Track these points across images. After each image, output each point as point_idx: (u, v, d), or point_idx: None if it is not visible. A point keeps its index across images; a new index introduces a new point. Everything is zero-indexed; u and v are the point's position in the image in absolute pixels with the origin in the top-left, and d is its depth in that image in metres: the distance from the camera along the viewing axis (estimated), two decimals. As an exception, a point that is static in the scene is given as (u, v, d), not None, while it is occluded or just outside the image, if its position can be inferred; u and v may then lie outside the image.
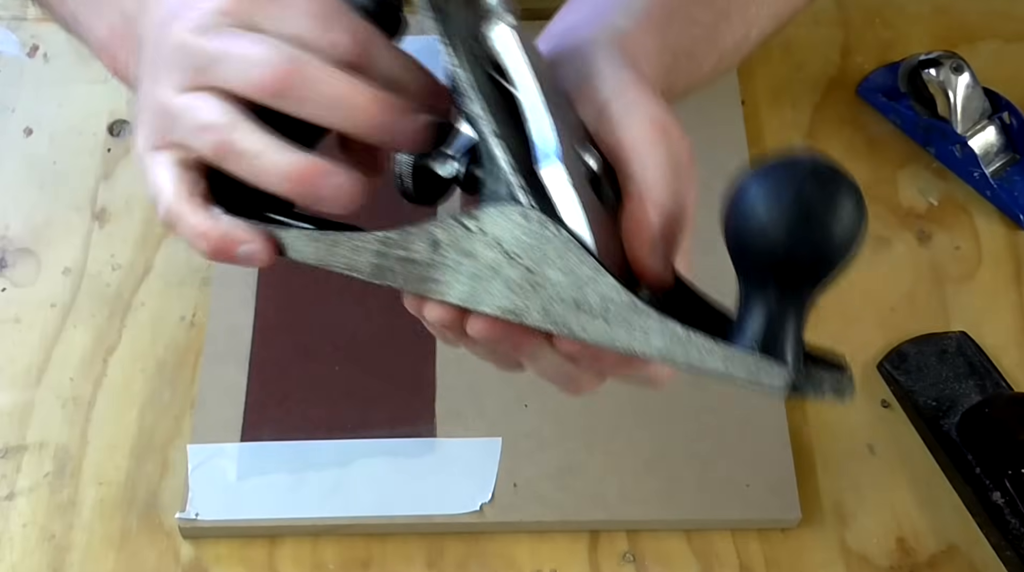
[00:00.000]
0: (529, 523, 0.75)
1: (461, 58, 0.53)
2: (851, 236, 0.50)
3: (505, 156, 0.53)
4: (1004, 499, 0.75)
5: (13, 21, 0.97)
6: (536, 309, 0.53)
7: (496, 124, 0.53)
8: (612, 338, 0.52)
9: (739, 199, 0.50)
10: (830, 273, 0.51)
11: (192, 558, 0.75)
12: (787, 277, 0.51)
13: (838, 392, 0.52)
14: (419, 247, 0.55)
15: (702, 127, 0.90)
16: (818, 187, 0.49)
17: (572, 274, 0.52)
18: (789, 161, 0.50)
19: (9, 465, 0.77)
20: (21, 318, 0.83)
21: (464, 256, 0.54)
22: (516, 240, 0.53)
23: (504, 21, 0.55)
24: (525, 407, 0.78)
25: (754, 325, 0.51)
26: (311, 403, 0.79)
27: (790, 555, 0.75)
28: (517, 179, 0.53)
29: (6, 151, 0.90)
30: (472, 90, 0.53)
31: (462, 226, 0.54)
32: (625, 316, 0.52)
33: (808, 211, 0.49)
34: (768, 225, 0.49)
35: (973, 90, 0.87)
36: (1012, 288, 0.86)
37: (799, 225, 0.49)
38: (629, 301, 0.52)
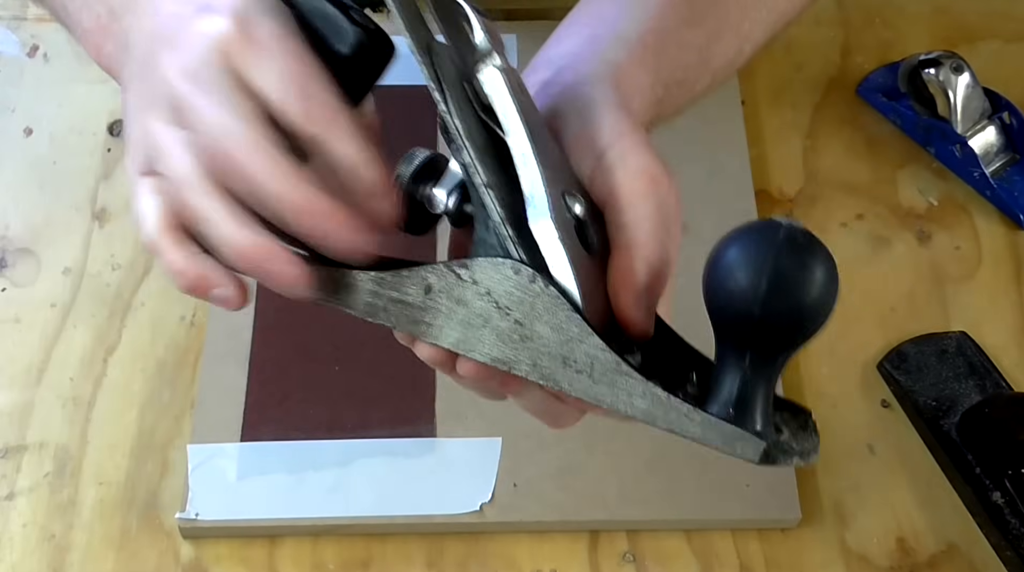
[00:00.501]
0: (529, 523, 0.75)
1: (451, 105, 0.54)
2: (823, 304, 0.51)
3: (495, 207, 0.54)
4: (1004, 499, 0.75)
5: (13, 21, 0.97)
6: (525, 361, 0.54)
7: (486, 174, 0.54)
8: (596, 396, 0.54)
9: (717, 262, 0.52)
10: (801, 340, 0.52)
11: (192, 558, 0.75)
12: (760, 343, 0.52)
13: (804, 457, 0.54)
14: (412, 291, 0.56)
15: (702, 127, 0.90)
16: (792, 256, 0.51)
17: (560, 331, 0.54)
18: (766, 226, 0.52)
19: (9, 465, 0.77)
20: (21, 318, 0.83)
21: (456, 303, 0.55)
22: (507, 293, 0.54)
23: (493, 64, 0.55)
24: (525, 407, 0.78)
25: (728, 388, 0.53)
26: (311, 403, 0.79)
27: (790, 555, 0.75)
28: (508, 231, 0.54)
29: (6, 151, 0.90)
30: (462, 139, 0.54)
31: (455, 274, 0.54)
32: (610, 376, 0.53)
33: (781, 280, 0.51)
34: (744, 291, 0.51)
35: (973, 90, 0.88)
36: (1012, 288, 0.86)
37: (772, 293, 0.50)
38: (614, 362, 0.53)
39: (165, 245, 0.55)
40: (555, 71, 0.62)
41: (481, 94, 0.56)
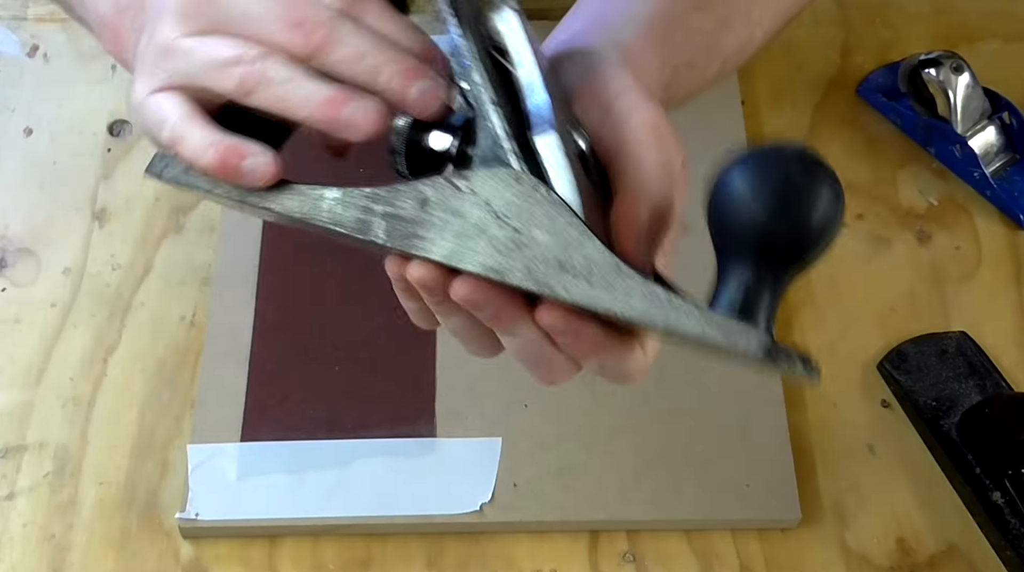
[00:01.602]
0: (529, 523, 0.75)
1: (464, 28, 0.54)
2: (829, 221, 0.51)
3: (500, 122, 0.54)
4: (1004, 499, 0.75)
5: (13, 21, 0.97)
6: (519, 268, 0.54)
7: (494, 93, 0.54)
8: (593, 298, 0.53)
9: (723, 179, 0.52)
10: (806, 254, 0.52)
11: (192, 558, 0.75)
12: (765, 253, 0.52)
13: (807, 369, 0.53)
14: (407, 204, 0.55)
15: (702, 127, 0.90)
16: (801, 172, 0.51)
17: (559, 236, 0.53)
18: (775, 147, 0.52)
19: (9, 465, 0.77)
20: (21, 318, 0.83)
21: (452, 214, 0.55)
22: (506, 201, 0.54)
23: (508, 6, 0.57)
24: (525, 407, 0.78)
25: (731, 294, 0.52)
26: (311, 403, 0.79)
27: (790, 555, 0.75)
28: (511, 145, 0.54)
29: (6, 151, 0.90)
30: (473, 58, 0.54)
31: (452, 186, 0.54)
32: (608, 278, 0.53)
33: (789, 192, 0.51)
34: (750, 203, 0.51)
35: (973, 90, 0.87)
36: (1012, 288, 0.86)
37: (780, 204, 0.51)
38: (613, 263, 0.53)
39: (193, 127, 0.55)
40: (563, 48, 0.62)
41: (495, 35, 0.56)
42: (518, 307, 0.55)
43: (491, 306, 0.55)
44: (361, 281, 0.83)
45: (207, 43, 0.55)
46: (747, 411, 0.78)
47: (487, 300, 0.55)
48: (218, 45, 0.55)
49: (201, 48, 0.55)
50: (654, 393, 0.78)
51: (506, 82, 0.56)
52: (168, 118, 0.56)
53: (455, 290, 0.55)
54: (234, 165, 0.55)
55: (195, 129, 0.55)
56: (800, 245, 0.52)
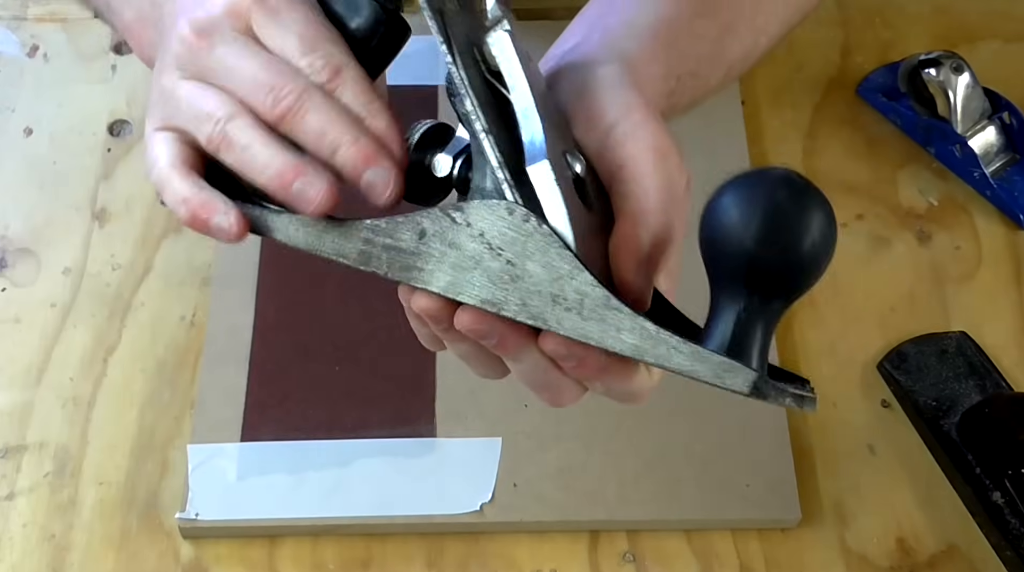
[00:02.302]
0: (529, 523, 0.75)
1: (456, 57, 0.55)
2: (821, 248, 0.51)
3: (494, 152, 0.54)
4: (1004, 499, 0.75)
5: (13, 21, 0.97)
6: (514, 301, 0.55)
7: (487, 122, 0.55)
8: (586, 332, 0.54)
9: (714, 205, 0.52)
10: (799, 283, 0.52)
11: (192, 558, 0.75)
12: (757, 284, 0.52)
13: (799, 401, 0.53)
14: (406, 236, 0.56)
15: (702, 127, 0.90)
16: (791, 198, 0.51)
17: (551, 268, 0.54)
18: (764, 172, 0.52)
19: (9, 465, 0.77)
20: (21, 318, 0.83)
21: (449, 247, 0.55)
22: (500, 234, 0.54)
23: (502, 28, 0.57)
24: (525, 407, 0.78)
25: (723, 330, 0.53)
26: (311, 403, 0.79)
27: (790, 555, 0.75)
28: (504, 175, 0.54)
29: (6, 151, 0.90)
30: (465, 88, 0.55)
31: (449, 218, 0.55)
32: (599, 312, 0.54)
33: (780, 220, 0.50)
34: (741, 231, 0.51)
35: (973, 90, 0.87)
36: (1012, 288, 0.86)
37: (771, 233, 0.50)
38: (604, 297, 0.53)
39: (174, 176, 0.57)
40: (565, 58, 0.62)
41: (489, 59, 0.57)
42: (522, 335, 0.56)
43: (495, 335, 0.56)
44: (361, 281, 0.82)
45: (194, 92, 0.57)
46: (747, 411, 0.78)
47: (491, 330, 0.56)
48: (201, 96, 0.57)
49: (188, 96, 0.57)
50: (654, 393, 0.78)
51: (504, 111, 0.56)
52: (156, 162, 0.58)
53: (459, 320, 0.56)
54: (203, 222, 0.57)
55: (175, 180, 0.57)
56: (791, 273, 0.52)
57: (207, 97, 0.56)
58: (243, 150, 0.56)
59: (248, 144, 0.56)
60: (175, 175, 0.57)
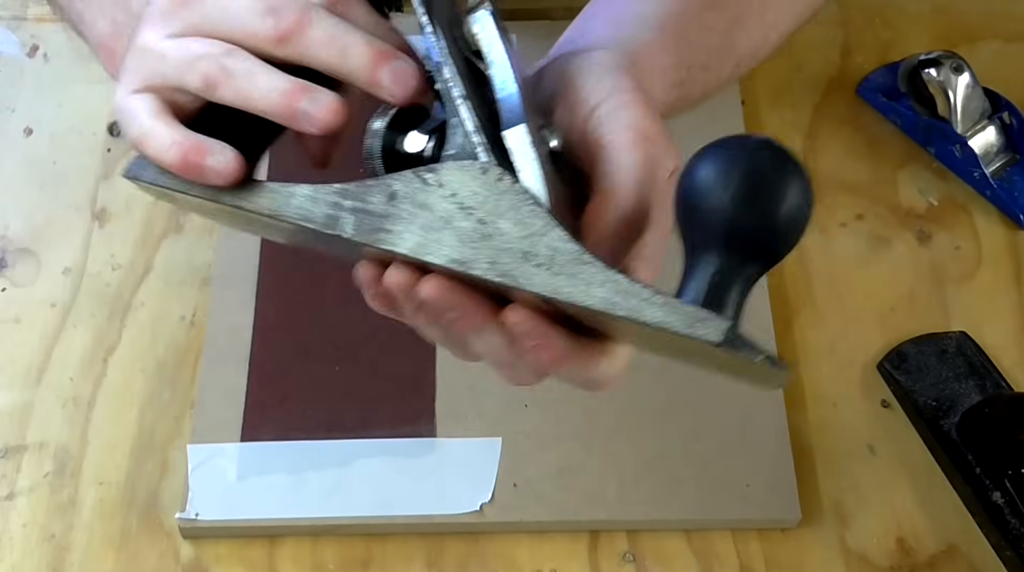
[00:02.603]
0: (529, 523, 0.75)
1: (437, 29, 0.55)
2: (799, 214, 0.51)
3: (470, 116, 0.55)
4: (1004, 499, 0.75)
5: (13, 21, 0.97)
6: (484, 259, 0.54)
7: (464, 88, 0.55)
8: (555, 288, 0.53)
9: (692, 169, 0.52)
10: (776, 248, 0.52)
11: (192, 558, 0.75)
12: (734, 247, 0.51)
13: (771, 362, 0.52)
14: (376, 199, 0.56)
15: (702, 127, 0.89)
16: (769, 164, 0.51)
17: (523, 225, 0.54)
18: (743, 137, 0.52)
19: (9, 465, 0.77)
20: (21, 318, 0.83)
21: (419, 208, 0.55)
22: (472, 192, 0.54)
23: (484, 8, 0.57)
24: (525, 407, 0.78)
25: (697, 288, 0.52)
26: (311, 403, 0.79)
27: (790, 555, 0.75)
28: (479, 138, 0.54)
29: (6, 151, 0.90)
30: (443, 54, 0.55)
31: (421, 179, 0.55)
32: (570, 266, 0.53)
33: (759, 184, 0.50)
34: (719, 194, 0.50)
35: (973, 90, 0.87)
36: (1012, 288, 0.86)
37: (750, 196, 0.50)
38: (576, 251, 0.53)
39: (159, 126, 0.55)
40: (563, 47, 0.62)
41: (469, 39, 0.57)
42: (485, 311, 0.55)
43: (457, 308, 0.55)
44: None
45: (181, 43, 0.55)
46: (747, 411, 0.78)
47: (453, 302, 0.55)
48: (190, 44, 0.55)
49: (174, 48, 0.55)
50: (654, 393, 0.78)
51: (481, 86, 0.56)
52: (136, 116, 0.56)
53: (422, 288, 0.55)
54: (196, 163, 0.55)
55: (160, 127, 0.55)
56: (769, 237, 0.51)
57: (198, 42, 0.55)
58: (244, 78, 0.54)
59: (249, 70, 0.54)
60: (160, 123, 0.55)
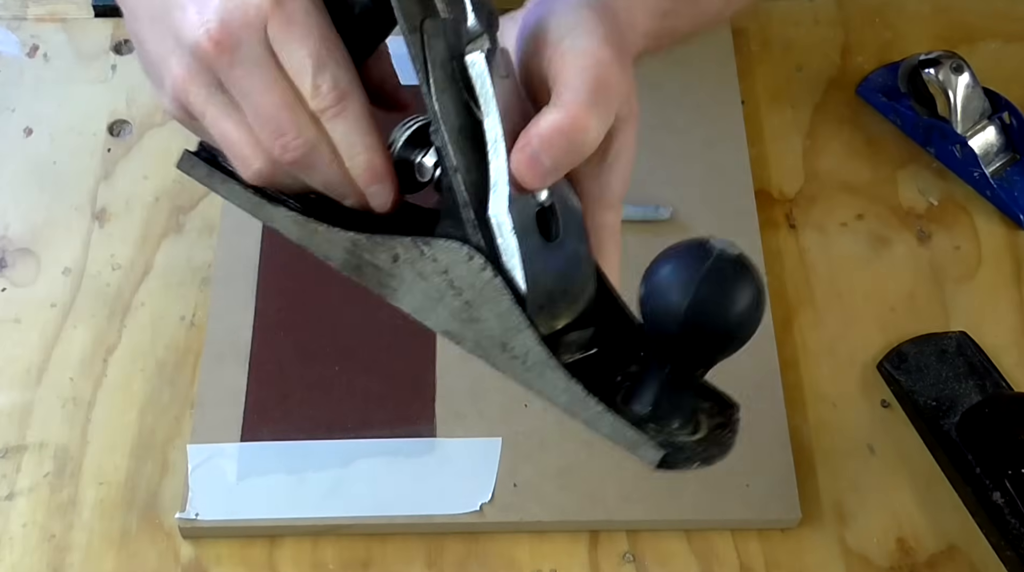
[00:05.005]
0: (529, 523, 0.75)
1: (432, 86, 0.56)
2: (741, 328, 0.55)
3: (461, 190, 0.57)
4: (1004, 499, 0.75)
5: (13, 21, 0.97)
6: (471, 339, 0.59)
7: (457, 156, 0.56)
8: (527, 381, 0.58)
9: (649, 280, 0.55)
10: (719, 356, 0.56)
11: (192, 558, 0.75)
12: (680, 356, 0.56)
13: (707, 462, 0.57)
14: (382, 256, 0.59)
15: (702, 127, 0.90)
16: (715, 284, 0.54)
17: (503, 318, 0.57)
18: (698, 250, 0.54)
19: (9, 465, 0.77)
20: (21, 318, 0.83)
21: (417, 275, 0.59)
22: (460, 276, 0.57)
23: (479, 48, 0.57)
24: (525, 407, 0.78)
25: (648, 395, 0.57)
26: (311, 403, 0.79)
27: (790, 555, 0.75)
28: (468, 215, 0.57)
29: (6, 151, 0.90)
30: (439, 122, 0.56)
31: (418, 249, 0.58)
32: (539, 368, 0.57)
33: (703, 304, 0.53)
34: (669, 309, 0.54)
35: (973, 90, 0.87)
36: (1012, 288, 0.86)
37: (694, 314, 0.54)
38: (546, 357, 0.57)
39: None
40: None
41: (467, 77, 0.57)
42: None
43: None
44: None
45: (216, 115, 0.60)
46: (747, 411, 0.78)
47: None
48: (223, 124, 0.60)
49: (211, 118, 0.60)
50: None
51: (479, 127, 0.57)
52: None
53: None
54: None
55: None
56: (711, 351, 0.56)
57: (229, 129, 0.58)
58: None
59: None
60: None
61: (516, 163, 0.56)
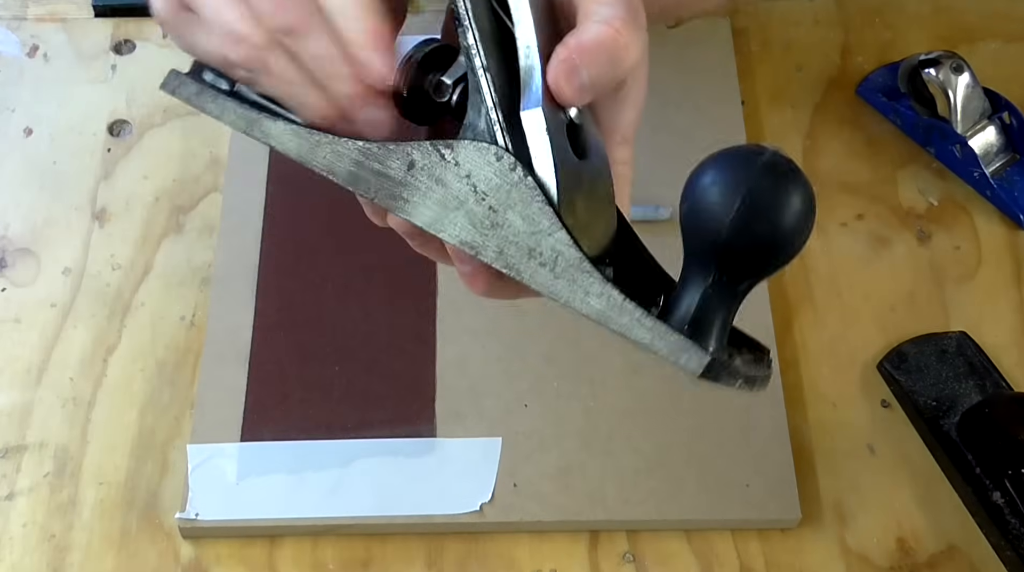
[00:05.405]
0: (529, 523, 0.75)
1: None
2: (797, 235, 0.51)
3: (490, 92, 0.54)
4: (1004, 499, 0.75)
5: (13, 21, 0.97)
6: (492, 247, 0.55)
7: (486, 58, 0.54)
8: (554, 290, 0.54)
9: (695, 182, 0.52)
10: (768, 268, 0.52)
11: (192, 558, 0.75)
12: (727, 264, 0.52)
13: (749, 383, 0.54)
14: (395, 165, 0.56)
15: (702, 127, 0.90)
16: (770, 182, 0.51)
17: (531, 221, 0.54)
18: (749, 151, 0.52)
19: (9, 465, 0.77)
20: (21, 318, 0.83)
21: (435, 183, 0.55)
22: (486, 178, 0.54)
23: None
24: (525, 407, 0.78)
25: (688, 303, 0.53)
26: (311, 403, 0.79)
27: (790, 555, 0.75)
28: (497, 116, 0.54)
29: (6, 151, 0.90)
30: (468, 20, 0.54)
31: (438, 153, 0.55)
32: (571, 273, 0.53)
33: (756, 204, 0.50)
34: (718, 215, 0.51)
35: (973, 90, 0.87)
36: (1012, 288, 0.86)
37: (746, 215, 0.50)
38: (577, 259, 0.53)
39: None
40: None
41: None
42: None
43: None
44: (361, 281, 0.83)
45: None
46: (747, 411, 0.78)
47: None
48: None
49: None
50: (654, 393, 0.78)
51: (508, 41, 0.55)
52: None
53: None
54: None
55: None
56: (761, 258, 0.52)
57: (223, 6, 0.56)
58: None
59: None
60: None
61: (554, 74, 0.54)
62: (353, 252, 0.83)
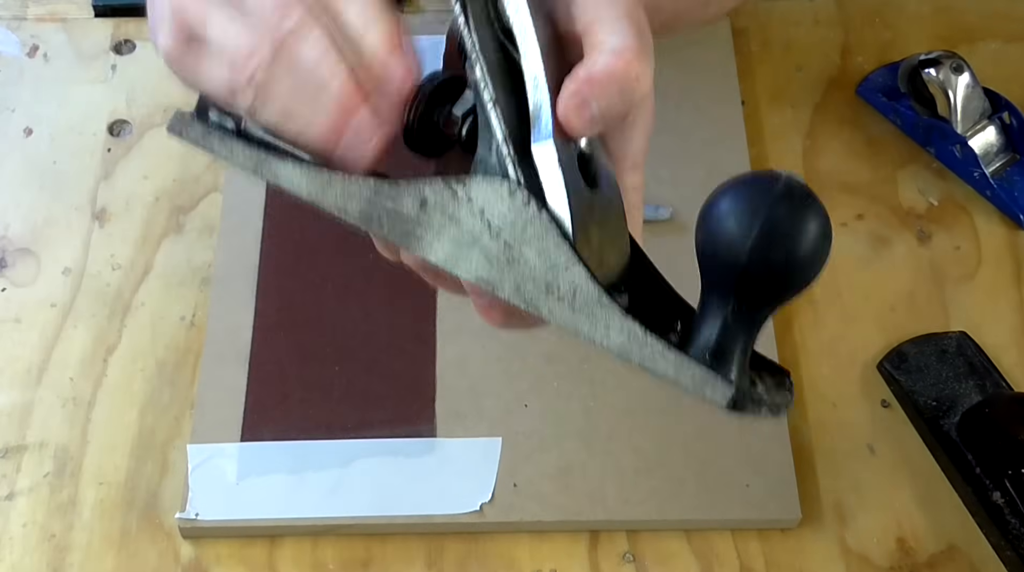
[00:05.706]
0: (529, 523, 0.75)
1: (469, 19, 0.54)
2: (814, 263, 0.51)
3: (500, 125, 0.53)
4: (1004, 499, 0.75)
5: (13, 21, 0.97)
6: (509, 283, 0.54)
7: (495, 91, 0.54)
8: (575, 325, 0.54)
9: (711, 209, 0.52)
10: (787, 294, 0.52)
11: (192, 558, 0.75)
12: (745, 292, 0.52)
13: (773, 410, 0.54)
14: (407, 203, 0.55)
15: (702, 127, 0.90)
16: (787, 209, 0.50)
17: (547, 257, 0.53)
18: (765, 178, 0.51)
19: (9, 465, 0.77)
20: (21, 318, 0.83)
21: (449, 219, 0.55)
22: (499, 214, 0.54)
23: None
24: (525, 407, 0.78)
25: (708, 334, 0.53)
26: (311, 403, 0.79)
27: (790, 555, 0.75)
28: (508, 150, 0.53)
29: (6, 151, 0.90)
30: (475, 54, 0.54)
31: (450, 190, 0.54)
32: (590, 307, 0.53)
33: (774, 232, 0.50)
34: (736, 243, 0.50)
35: (973, 90, 0.87)
36: (1012, 288, 0.86)
37: (764, 244, 0.50)
38: (596, 293, 0.53)
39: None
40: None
41: (503, 16, 0.55)
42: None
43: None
44: (361, 281, 0.83)
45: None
46: (747, 411, 0.78)
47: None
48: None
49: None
50: (654, 393, 0.78)
51: (516, 72, 0.55)
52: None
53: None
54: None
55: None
56: (781, 284, 0.52)
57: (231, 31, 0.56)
58: None
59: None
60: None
61: (564, 107, 0.54)
62: (353, 252, 0.83)
